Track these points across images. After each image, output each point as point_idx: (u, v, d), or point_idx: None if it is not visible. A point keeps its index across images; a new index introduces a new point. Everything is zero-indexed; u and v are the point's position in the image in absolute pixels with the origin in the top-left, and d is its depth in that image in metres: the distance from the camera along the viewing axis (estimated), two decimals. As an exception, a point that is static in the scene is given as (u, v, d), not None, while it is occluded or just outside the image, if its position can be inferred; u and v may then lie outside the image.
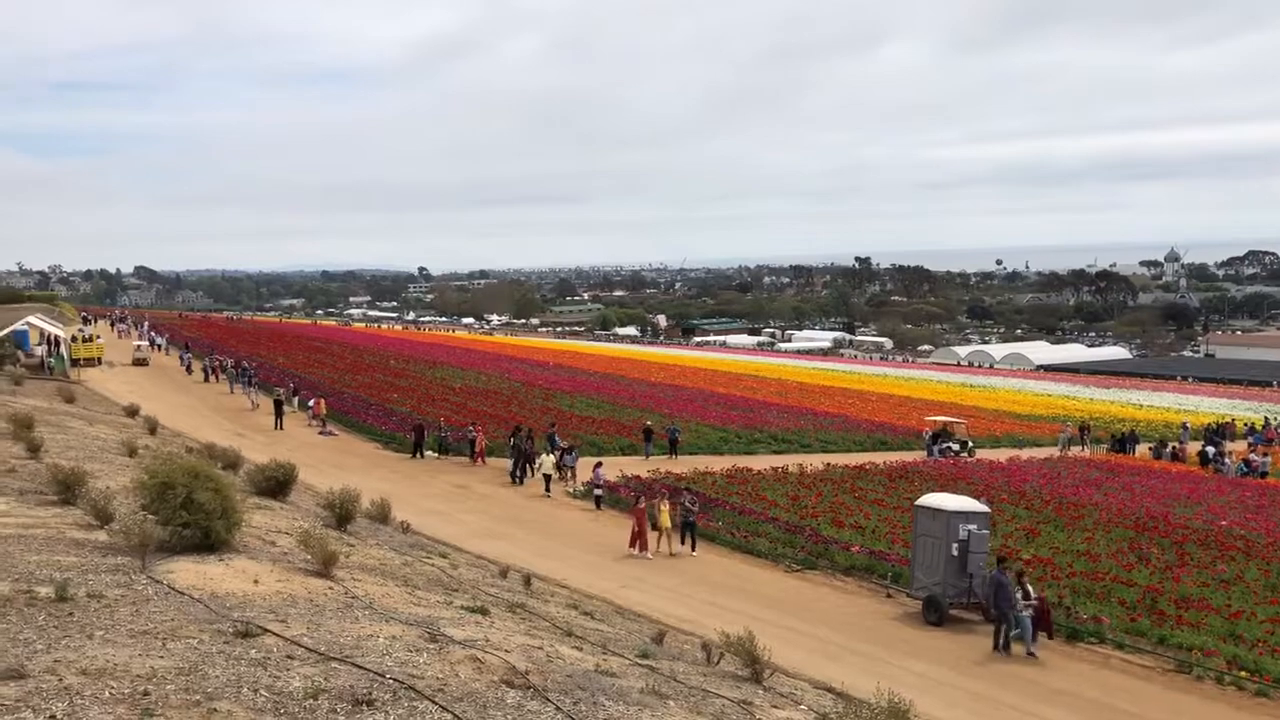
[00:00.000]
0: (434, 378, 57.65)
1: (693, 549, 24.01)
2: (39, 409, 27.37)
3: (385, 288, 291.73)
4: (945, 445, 42.54)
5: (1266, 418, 57.53)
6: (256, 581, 10.28)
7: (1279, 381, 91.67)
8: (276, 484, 18.30)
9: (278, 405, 40.33)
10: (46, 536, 11.44)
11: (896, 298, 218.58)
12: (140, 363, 57.47)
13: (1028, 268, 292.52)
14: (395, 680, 7.23)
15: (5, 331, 49.97)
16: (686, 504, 24.53)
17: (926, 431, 44.08)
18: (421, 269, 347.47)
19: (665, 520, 23.86)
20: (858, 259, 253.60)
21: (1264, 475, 38.90)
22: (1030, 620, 17.68)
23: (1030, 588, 18.21)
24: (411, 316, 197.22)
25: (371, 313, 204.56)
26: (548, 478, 30.58)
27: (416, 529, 20.91)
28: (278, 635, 8.14)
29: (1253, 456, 41.46)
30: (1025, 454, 42.77)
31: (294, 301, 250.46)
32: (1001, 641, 17.78)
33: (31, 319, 56.58)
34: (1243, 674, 16.54)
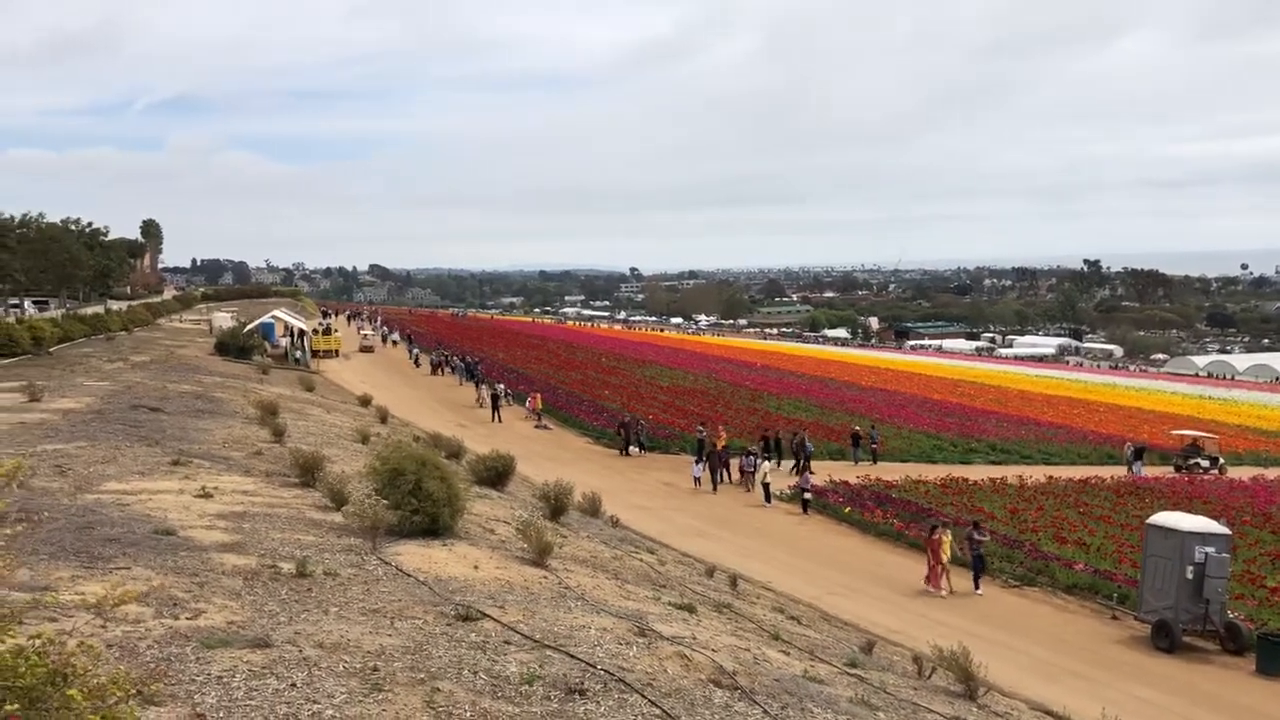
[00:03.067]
0: (643, 376, 58.60)
1: (976, 587, 21.31)
2: (283, 397, 29.49)
3: (598, 287, 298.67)
4: (1194, 461, 39.98)
5: None
6: (476, 567, 10.69)
7: None
8: (496, 474, 19.03)
9: (494, 399, 41.96)
10: (289, 516, 12.30)
11: (1128, 303, 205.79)
12: (366, 349, 61.61)
13: (1277, 273, 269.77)
14: (606, 671, 7.36)
15: (254, 324, 54.26)
16: (975, 536, 21.73)
17: (1128, 446, 41.01)
18: (633, 269, 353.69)
19: (946, 553, 21.17)
20: (1086, 261, 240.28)
21: None
22: None
23: None
24: (623, 315, 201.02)
25: (585, 311, 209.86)
26: (766, 486, 29.50)
27: (625, 524, 21.28)
28: (496, 620, 8.45)
29: None
30: (1272, 473, 39.48)
31: (513, 300, 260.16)
32: None
33: (277, 312, 61.32)
34: None
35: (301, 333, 54.79)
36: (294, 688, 6.20)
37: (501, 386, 43.86)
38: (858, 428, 39.19)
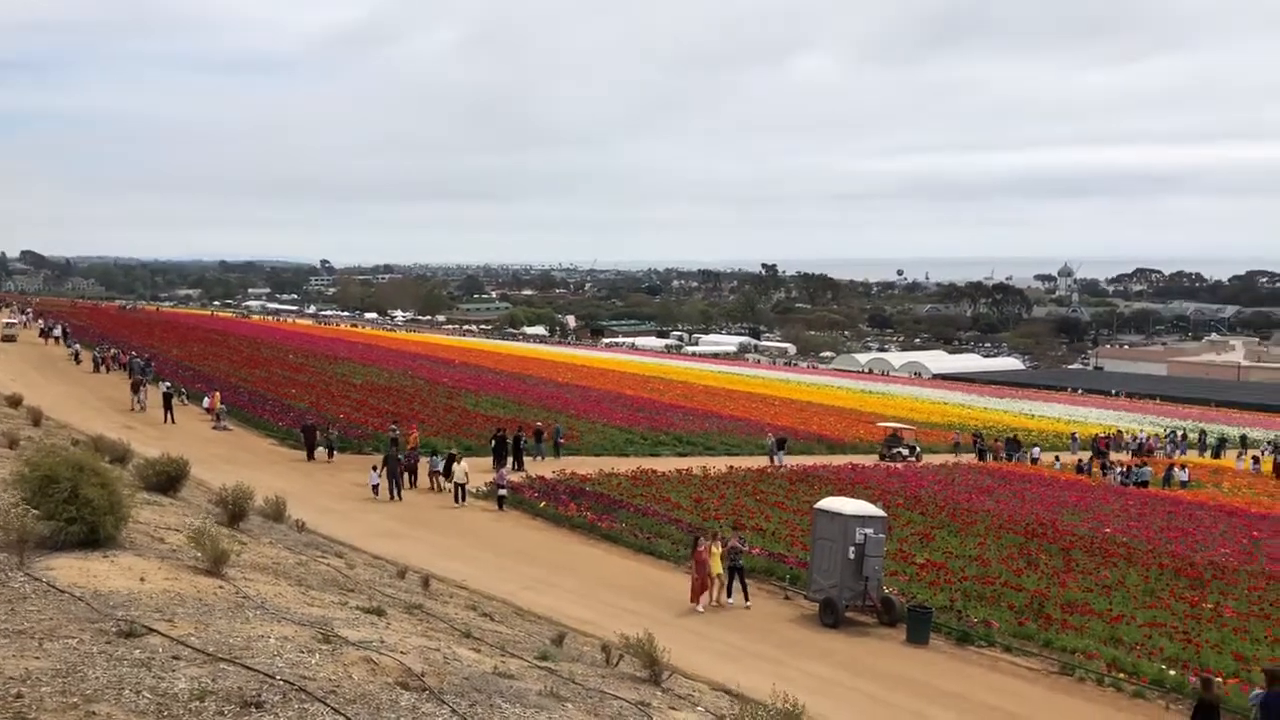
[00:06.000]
0: (335, 374, 56.65)
1: (745, 599, 20.84)
2: (-87, 397, 26.11)
3: (286, 280, 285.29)
4: (896, 450, 43.69)
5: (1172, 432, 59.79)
6: (143, 579, 9.92)
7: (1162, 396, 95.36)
8: (167, 479, 17.70)
9: (166, 398, 39.11)
10: (-84, 531, 10.88)
11: (801, 305, 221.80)
12: (8, 339, 56.11)
13: (928, 279, 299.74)
14: (286, 682, 7.04)
15: (-122, 315, 47.64)
16: (737, 545, 21.22)
17: (770, 436, 42.49)
18: (324, 261, 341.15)
19: (716, 566, 20.41)
20: (764, 266, 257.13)
21: (1144, 484, 40.48)
22: None
23: None
24: (313, 310, 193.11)
25: (271, 305, 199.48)
26: (461, 485, 29.10)
27: (313, 528, 20.44)
28: (163, 635, 7.87)
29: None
30: (921, 460, 43.77)
31: (190, 292, 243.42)
32: None
33: (-93, 303, 54.13)
34: (1122, 676, 17.17)
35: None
36: (-84, 725, 5.50)
37: (168, 384, 40.90)
38: (539, 423, 39.82)
